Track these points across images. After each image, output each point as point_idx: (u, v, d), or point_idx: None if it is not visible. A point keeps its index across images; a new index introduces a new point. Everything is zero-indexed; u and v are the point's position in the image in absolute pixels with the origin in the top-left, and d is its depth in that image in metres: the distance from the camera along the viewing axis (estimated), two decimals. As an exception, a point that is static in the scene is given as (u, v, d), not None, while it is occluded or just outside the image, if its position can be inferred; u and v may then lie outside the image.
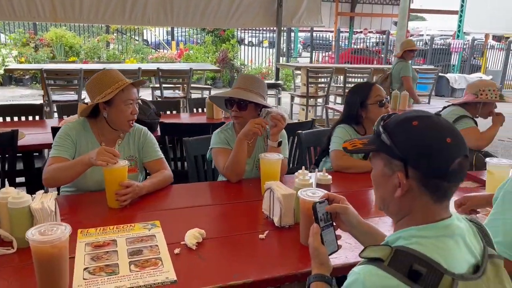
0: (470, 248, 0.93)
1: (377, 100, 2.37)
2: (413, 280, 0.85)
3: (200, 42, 12.39)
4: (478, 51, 15.09)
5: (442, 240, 0.91)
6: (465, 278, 0.87)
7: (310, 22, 7.45)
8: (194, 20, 6.72)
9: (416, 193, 0.94)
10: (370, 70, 6.01)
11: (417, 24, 39.43)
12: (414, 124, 0.93)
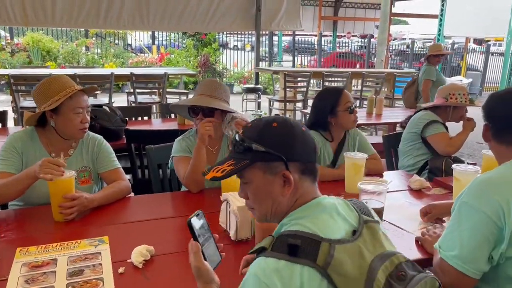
0: (345, 218, 1.01)
1: (347, 106, 2.31)
2: (294, 255, 0.91)
3: (182, 47, 12.28)
4: (459, 54, 15.28)
5: (316, 216, 0.99)
6: (341, 241, 0.94)
7: (290, 26, 7.43)
8: (171, 24, 6.63)
9: (298, 183, 1.03)
10: (348, 74, 5.98)
11: (400, 28, 39.94)
12: (275, 126, 1.03)
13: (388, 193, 2.12)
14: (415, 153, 2.74)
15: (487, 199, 1.23)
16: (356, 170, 2.08)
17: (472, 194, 1.28)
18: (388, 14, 13.34)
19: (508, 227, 1.19)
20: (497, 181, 1.27)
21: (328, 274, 0.89)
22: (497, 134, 1.38)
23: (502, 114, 1.36)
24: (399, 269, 0.94)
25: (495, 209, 1.20)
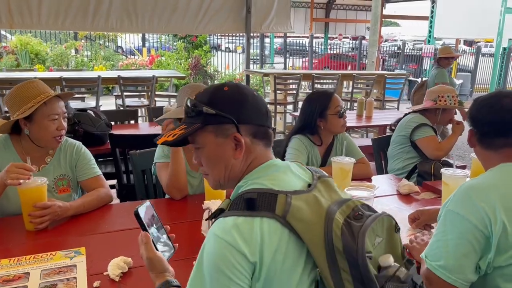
0: (299, 176, 1.03)
1: (337, 110, 2.27)
2: (252, 209, 0.91)
3: (173, 49, 12.20)
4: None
5: (270, 175, 1.00)
6: (297, 193, 0.95)
7: (280, 28, 7.36)
8: (160, 26, 6.54)
9: (251, 146, 1.02)
10: (338, 76, 5.95)
11: (391, 30, 40.21)
12: (226, 89, 1.02)
13: (376, 198, 2.10)
14: (404, 156, 2.71)
15: (473, 206, 1.19)
16: (343, 175, 2.03)
17: (458, 202, 1.24)
18: (379, 16, 13.40)
19: (495, 235, 1.15)
20: (483, 188, 1.23)
21: (288, 222, 0.90)
22: (482, 140, 1.35)
23: (486, 119, 1.33)
24: (356, 210, 0.95)
25: (481, 217, 1.16)
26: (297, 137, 2.34)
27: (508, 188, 1.21)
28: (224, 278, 0.88)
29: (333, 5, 20.75)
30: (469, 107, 1.44)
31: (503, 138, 1.29)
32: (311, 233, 0.90)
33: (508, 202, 1.17)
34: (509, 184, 1.22)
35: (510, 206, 1.16)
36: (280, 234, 0.90)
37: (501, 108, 1.30)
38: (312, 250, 0.90)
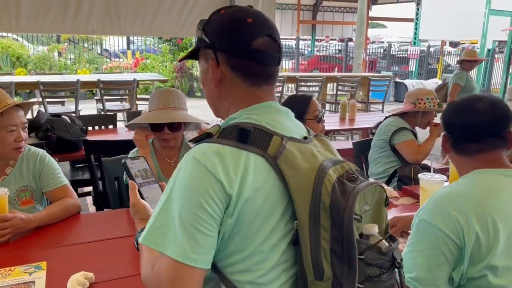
0: (297, 124, 0.99)
1: (315, 115, 2.23)
2: (244, 141, 0.85)
3: (159, 52, 12.08)
4: (435, 57, 15.49)
5: (270, 114, 0.93)
6: (294, 139, 0.90)
7: (265, 30, 7.33)
8: (143, 29, 6.41)
9: (229, 79, 0.94)
10: (323, 78, 5.93)
11: (378, 32, 40.55)
12: (222, 12, 0.95)
13: (354, 204, 2.07)
14: (385, 160, 2.67)
15: (445, 216, 1.15)
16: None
17: (430, 211, 1.20)
18: (364, 17, 13.47)
19: (468, 246, 1.11)
20: (456, 196, 1.19)
21: (278, 165, 0.84)
22: (455, 145, 1.31)
23: (459, 123, 1.29)
24: (350, 173, 0.89)
25: (454, 226, 1.13)
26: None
27: (481, 196, 1.17)
28: (195, 203, 0.81)
29: (320, 7, 20.83)
30: (442, 112, 1.41)
31: (476, 143, 1.26)
32: (300, 183, 0.84)
33: (481, 211, 1.13)
34: (482, 192, 1.18)
35: (483, 215, 1.12)
36: (267, 174, 0.84)
37: (474, 112, 1.26)
38: (296, 200, 0.84)
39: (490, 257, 1.10)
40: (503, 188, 1.19)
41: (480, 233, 1.10)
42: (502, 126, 1.25)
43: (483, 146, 1.25)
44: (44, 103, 4.74)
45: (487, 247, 1.10)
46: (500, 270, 1.09)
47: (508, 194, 1.18)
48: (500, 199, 1.16)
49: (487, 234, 1.11)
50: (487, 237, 1.10)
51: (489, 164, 1.24)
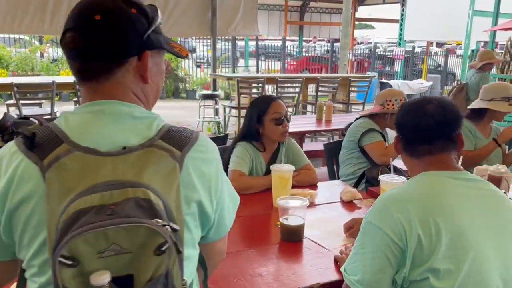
0: (129, 130, 0.83)
1: (274, 117, 2.20)
2: (28, 145, 0.79)
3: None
4: (420, 58, 15.62)
5: (84, 115, 0.85)
6: (88, 150, 0.78)
7: (247, 32, 7.33)
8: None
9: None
10: (302, 79, 5.93)
11: (366, 32, 40.80)
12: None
13: (318, 205, 2.06)
14: (354, 161, 2.67)
15: (389, 218, 1.14)
16: (282, 183, 1.98)
17: (376, 213, 1.19)
18: (349, 18, 13.49)
19: (410, 248, 1.10)
20: (401, 199, 1.18)
21: (44, 176, 0.76)
22: (406, 147, 1.31)
23: (410, 125, 1.29)
24: (117, 204, 0.73)
25: (397, 229, 1.12)
26: (240, 144, 2.28)
27: (425, 199, 1.16)
28: None
29: (307, 8, 20.88)
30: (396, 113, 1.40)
31: (426, 145, 1.25)
32: (52, 203, 0.74)
33: (424, 214, 1.12)
34: (426, 195, 1.18)
35: (426, 218, 1.12)
36: (36, 184, 0.77)
37: (425, 114, 1.26)
38: (47, 221, 0.75)
39: (432, 260, 1.09)
40: (449, 190, 1.18)
41: (422, 236, 1.10)
42: (451, 129, 1.25)
43: (432, 148, 1.24)
44: (18, 104, 4.67)
45: (429, 250, 1.10)
46: (442, 273, 1.09)
47: (453, 196, 1.17)
48: (445, 202, 1.15)
49: (429, 237, 1.10)
50: (429, 240, 1.10)
51: (437, 166, 1.23)
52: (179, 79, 11.67)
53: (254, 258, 1.54)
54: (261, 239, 1.71)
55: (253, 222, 1.88)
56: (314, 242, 1.66)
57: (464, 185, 1.20)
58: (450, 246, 1.09)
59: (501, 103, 2.60)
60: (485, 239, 1.14)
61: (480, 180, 1.27)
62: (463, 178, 1.22)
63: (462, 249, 1.10)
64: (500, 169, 1.97)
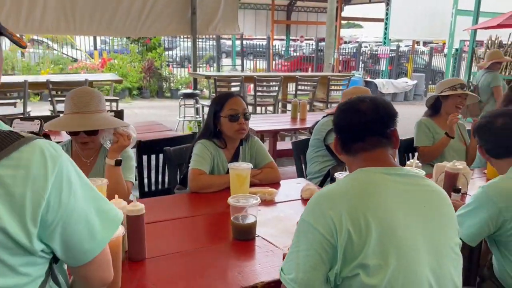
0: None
1: (229, 113, 2.18)
2: None
3: (127, 52, 11.89)
4: (406, 56, 15.73)
5: None
6: None
7: (228, 31, 7.28)
8: (100, 29, 6.32)
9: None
10: (281, 78, 5.91)
11: (354, 32, 41.00)
12: None
13: (278, 203, 2.05)
14: (321, 159, 2.67)
15: (322, 215, 1.13)
16: (240, 181, 1.96)
17: (310, 211, 1.18)
18: (334, 18, 13.54)
19: (340, 245, 1.09)
20: (333, 196, 1.18)
21: None
22: (344, 146, 1.30)
23: (345, 124, 1.29)
24: None
25: (329, 226, 1.11)
26: (200, 142, 2.25)
27: (356, 195, 1.16)
28: None
29: (294, 7, 20.91)
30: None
31: (360, 142, 1.26)
32: None
33: (354, 210, 1.12)
34: (358, 191, 1.17)
35: (356, 214, 1.11)
36: None
37: (357, 112, 1.26)
38: None
39: (362, 256, 1.09)
40: (381, 186, 1.18)
41: (353, 232, 1.09)
42: (384, 125, 1.25)
43: (366, 145, 1.25)
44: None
45: (359, 245, 1.09)
46: (372, 269, 1.08)
47: (385, 192, 1.17)
48: (376, 198, 1.15)
49: (359, 232, 1.09)
50: (359, 236, 1.09)
51: (372, 162, 1.23)
52: (163, 78, 11.60)
53: (203, 257, 1.52)
54: (214, 238, 1.69)
55: (209, 221, 1.86)
56: (266, 240, 1.64)
57: (398, 181, 1.20)
58: (379, 242, 1.09)
59: (448, 92, 2.69)
60: (415, 234, 1.13)
61: (415, 175, 1.26)
62: (398, 173, 1.21)
63: (391, 244, 1.09)
64: (457, 165, 1.97)
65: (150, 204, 1.95)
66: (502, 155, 1.67)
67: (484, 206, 1.56)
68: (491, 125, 1.69)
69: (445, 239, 1.20)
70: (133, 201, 1.44)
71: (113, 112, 3.36)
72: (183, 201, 2.11)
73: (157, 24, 6.60)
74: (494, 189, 1.58)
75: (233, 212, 1.63)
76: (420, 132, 2.78)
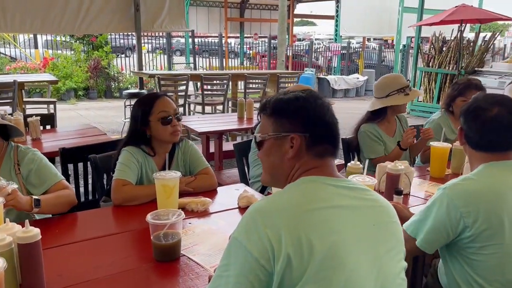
0: None
1: (159, 116, 1.98)
2: None
3: (72, 51, 11.27)
4: (357, 53, 16.00)
5: None
6: None
7: (174, 27, 7.03)
8: (35, 26, 5.90)
9: None
10: (229, 76, 5.74)
11: (308, 29, 41.55)
12: None
13: (212, 214, 1.87)
14: (262, 162, 2.51)
15: (257, 235, 0.94)
16: (167, 192, 1.76)
17: (243, 227, 0.98)
18: (286, 15, 13.54)
19: (278, 272, 0.91)
20: (271, 210, 0.98)
21: None
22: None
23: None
24: None
25: (265, 249, 0.92)
26: (126, 149, 2.03)
27: (298, 211, 0.97)
28: None
29: (247, 4, 20.79)
30: None
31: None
32: None
33: (295, 229, 0.93)
34: (300, 205, 0.98)
35: (297, 233, 0.93)
36: None
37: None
38: None
39: (301, 284, 0.92)
40: (326, 200, 1.01)
41: (293, 256, 0.91)
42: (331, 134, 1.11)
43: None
44: None
45: (299, 271, 0.91)
46: None
47: (330, 207, 1.00)
48: (320, 214, 0.97)
49: (300, 256, 0.91)
50: (300, 260, 0.91)
51: (318, 170, 1.08)
52: (111, 78, 11.10)
53: (118, 285, 1.32)
54: (134, 260, 1.48)
55: (130, 239, 1.65)
56: (192, 260, 1.46)
57: (344, 194, 1.04)
58: (321, 267, 0.92)
59: (398, 96, 2.57)
60: (363, 259, 0.99)
61: (362, 188, 1.11)
62: (345, 186, 1.06)
63: (334, 270, 0.94)
64: (398, 166, 1.88)
65: (60, 222, 1.74)
66: (482, 148, 1.48)
67: (444, 209, 1.41)
68: (483, 112, 1.46)
69: (393, 263, 1.06)
70: (25, 226, 1.22)
71: (38, 117, 3.04)
72: (103, 216, 1.88)
73: (98, 21, 6.24)
74: (455, 191, 1.41)
75: (153, 231, 1.44)
76: (371, 142, 2.65)
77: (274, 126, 1.12)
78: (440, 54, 9.03)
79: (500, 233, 1.38)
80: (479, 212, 1.38)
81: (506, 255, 1.39)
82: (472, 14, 8.34)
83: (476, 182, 1.43)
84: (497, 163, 1.46)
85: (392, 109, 2.64)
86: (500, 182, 1.43)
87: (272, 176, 1.18)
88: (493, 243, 1.38)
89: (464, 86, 2.70)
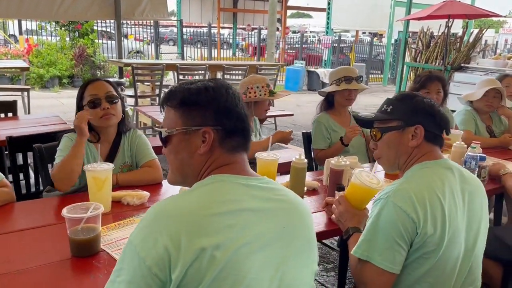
0: None
1: (88, 100, 1.93)
2: None
3: (54, 37, 11.11)
4: (349, 46, 15.92)
5: None
6: None
7: (156, 16, 6.92)
8: (10, 11, 5.79)
9: None
10: (206, 66, 5.66)
11: (303, 21, 41.35)
12: None
13: (148, 208, 1.81)
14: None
15: (152, 240, 0.86)
16: (98, 185, 1.70)
17: (139, 229, 0.91)
18: (275, 6, 13.38)
19: (174, 282, 0.84)
20: (172, 212, 0.91)
21: None
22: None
23: None
24: None
25: (160, 257, 0.85)
26: (66, 136, 1.99)
27: (200, 215, 0.90)
28: None
29: (241, -5, 20.63)
30: None
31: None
32: None
33: (195, 235, 0.86)
34: (203, 208, 0.91)
35: (197, 240, 0.86)
36: None
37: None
38: None
39: None
40: (235, 202, 0.94)
41: (191, 264, 0.84)
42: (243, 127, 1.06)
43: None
44: None
45: (196, 281, 0.85)
46: None
47: (238, 211, 0.93)
48: (225, 219, 0.90)
49: (199, 264, 0.85)
50: (198, 268, 0.85)
51: (229, 168, 1.02)
52: (96, 66, 10.96)
53: (24, 278, 1.26)
54: (49, 255, 1.41)
55: (55, 232, 1.59)
56: (111, 257, 1.40)
57: (255, 195, 0.98)
58: (219, 277, 0.86)
59: (335, 86, 2.59)
60: (264, 262, 0.93)
61: (275, 187, 1.05)
62: (256, 185, 1.00)
63: (233, 281, 0.87)
64: (341, 162, 1.83)
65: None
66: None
67: (393, 220, 1.25)
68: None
69: (300, 268, 1.02)
70: None
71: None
72: (33, 208, 1.81)
73: (77, 7, 6.13)
74: (401, 198, 1.27)
75: (70, 225, 1.38)
76: (317, 133, 2.64)
77: (183, 119, 1.05)
78: (427, 49, 8.98)
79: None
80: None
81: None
82: (459, 9, 8.26)
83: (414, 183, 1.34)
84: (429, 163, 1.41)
85: (336, 99, 2.65)
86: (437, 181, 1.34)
87: (181, 175, 1.10)
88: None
89: (426, 78, 2.70)
